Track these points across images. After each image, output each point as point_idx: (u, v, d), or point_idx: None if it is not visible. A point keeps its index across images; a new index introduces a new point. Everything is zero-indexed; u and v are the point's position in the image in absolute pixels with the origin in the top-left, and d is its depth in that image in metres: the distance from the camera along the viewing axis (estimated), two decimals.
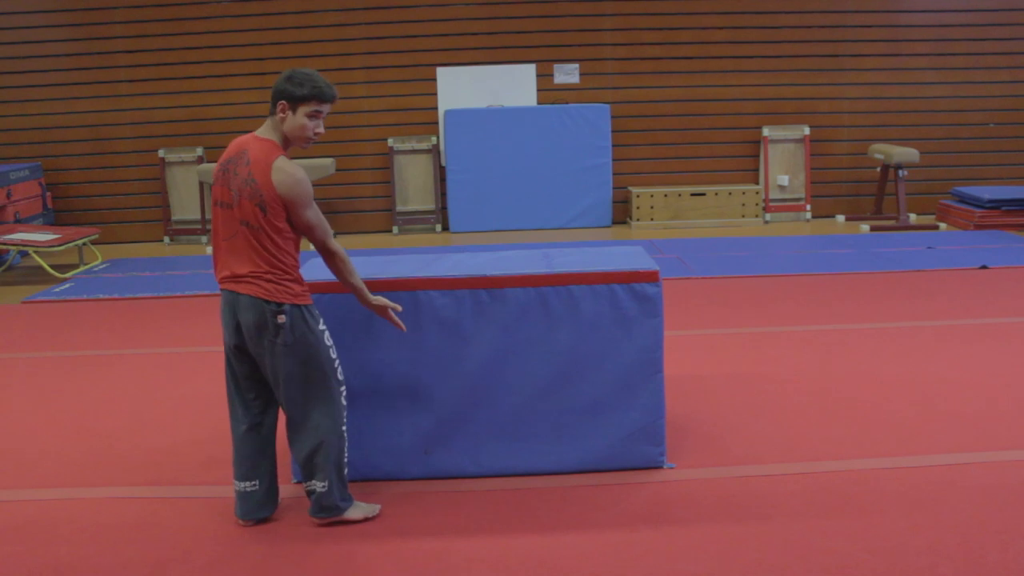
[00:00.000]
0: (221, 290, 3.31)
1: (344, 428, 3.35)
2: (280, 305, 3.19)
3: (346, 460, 3.38)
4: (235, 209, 3.20)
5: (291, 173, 3.17)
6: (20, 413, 4.72)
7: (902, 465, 3.76)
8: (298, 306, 3.22)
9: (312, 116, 3.25)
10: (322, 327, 3.30)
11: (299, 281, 3.27)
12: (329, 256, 3.31)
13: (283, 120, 3.25)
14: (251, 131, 3.40)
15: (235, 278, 3.24)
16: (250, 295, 3.20)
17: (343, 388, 3.36)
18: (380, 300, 3.43)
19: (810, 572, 2.98)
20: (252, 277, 3.20)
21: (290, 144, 3.30)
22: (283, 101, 3.23)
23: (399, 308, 3.49)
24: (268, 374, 3.28)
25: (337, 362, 3.33)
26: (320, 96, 3.23)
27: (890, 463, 3.78)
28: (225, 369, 3.40)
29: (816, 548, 3.12)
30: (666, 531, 3.28)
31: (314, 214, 3.24)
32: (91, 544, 3.30)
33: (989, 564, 2.98)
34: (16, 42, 9.85)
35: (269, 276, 3.19)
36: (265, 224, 3.17)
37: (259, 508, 3.42)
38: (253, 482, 3.39)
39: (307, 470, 3.33)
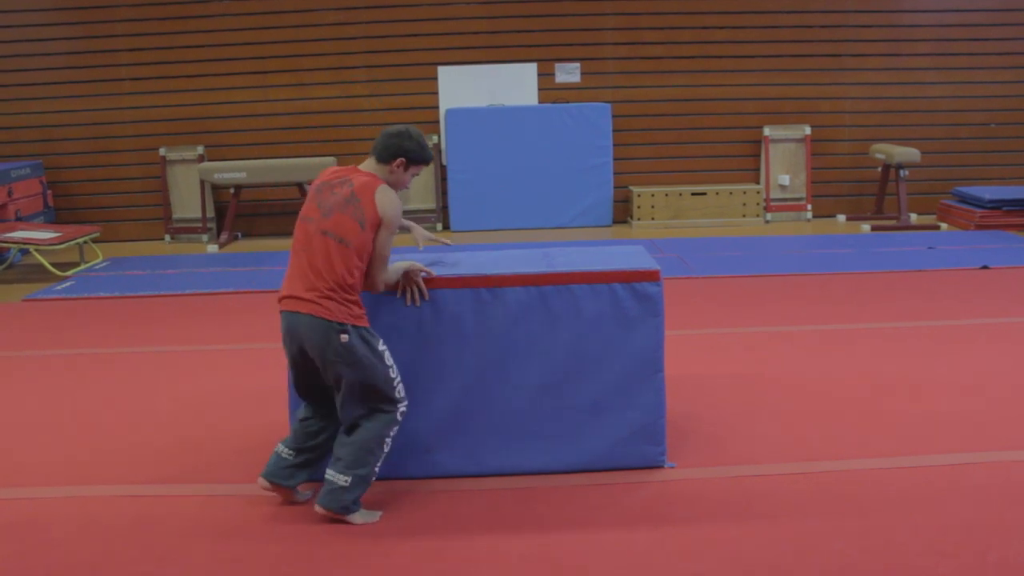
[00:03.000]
0: (281, 312, 3.40)
1: (388, 441, 3.40)
2: (343, 325, 3.27)
3: (376, 471, 3.40)
4: (319, 222, 3.35)
5: (393, 199, 3.42)
6: (20, 411, 4.72)
7: (902, 465, 3.76)
8: (357, 327, 3.32)
9: (415, 174, 3.55)
10: (382, 348, 3.39)
11: (359, 304, 3.38)
12: (370, 286, 3.47)
13: (392, 172, 3.48)
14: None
15: (297, 299, 3.33)
16: (312, 315, 3.28)
17: (401, 406, 3.43)
18: (405, 265, 3.58)
19: (810, 572, 2.98)
20: (317, 297, 3.29)
21: None
22: (403, 159, 3.46)
23: (431, 272, 3.63)
24: (330, 382, 3.38)
25: (397, 380, 3.41)
26: (429, 160, 3.56)
27: (890, 463, 3.78)
28: (289, 371, 3.54)
29: (816, 548, 3.12)
30: (666, 531, 3.28)
31: (388, 242, 3.41)
32: (91, 543, 3.30)
33: (989, 564, 2.98)
34: (17, 40, 9.85)
35: (332, 295, 3.30)
36: (356, 240, 3.32)
37: (284, 476, 3.47)
38: (291, 452, 3.48)
39: (337, 461, 3.38)
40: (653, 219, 9.84)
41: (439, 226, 9.99)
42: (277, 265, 8.19)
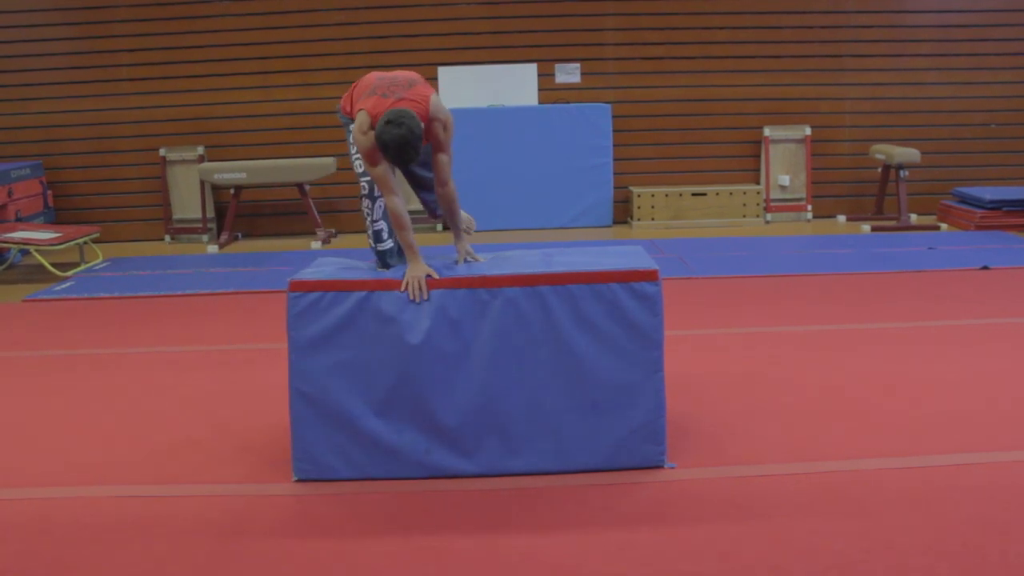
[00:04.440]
0: None
1: (375, 226, 3.92)
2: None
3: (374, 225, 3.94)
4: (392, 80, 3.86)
5: (356, 130, 3.75)
6: (20, 412, 4.73)
7: (902, 465, 3.76)
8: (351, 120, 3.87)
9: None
10: (351, 140, 3.87)
11: (360, 125, 3.76)
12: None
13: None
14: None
15: None
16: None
17: (366, 198, 3.91)
18: (418, 269, 3.68)
19: (810, 572, 2.98)
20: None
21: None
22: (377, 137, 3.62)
23: (435, 275, 3.69)
24: None
25: (359, 172, 3.86)
26: (390, 159, 3.68)
27: (890, 463, 3.78)
28: None
29: (816, 548, 3.12)
30: (666, 531, 3.28)
31: (368, 167, 3.76)
32: (91, 543, 3.30)
33: (989, 564, 2.98)
34: (18, 40, 9.85)
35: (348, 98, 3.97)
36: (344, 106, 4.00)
37: None
38: None
39: None
40: (653, 219, 9.84)
41: (439, 227, 9.99)
42: (277, 265, 8.19)
